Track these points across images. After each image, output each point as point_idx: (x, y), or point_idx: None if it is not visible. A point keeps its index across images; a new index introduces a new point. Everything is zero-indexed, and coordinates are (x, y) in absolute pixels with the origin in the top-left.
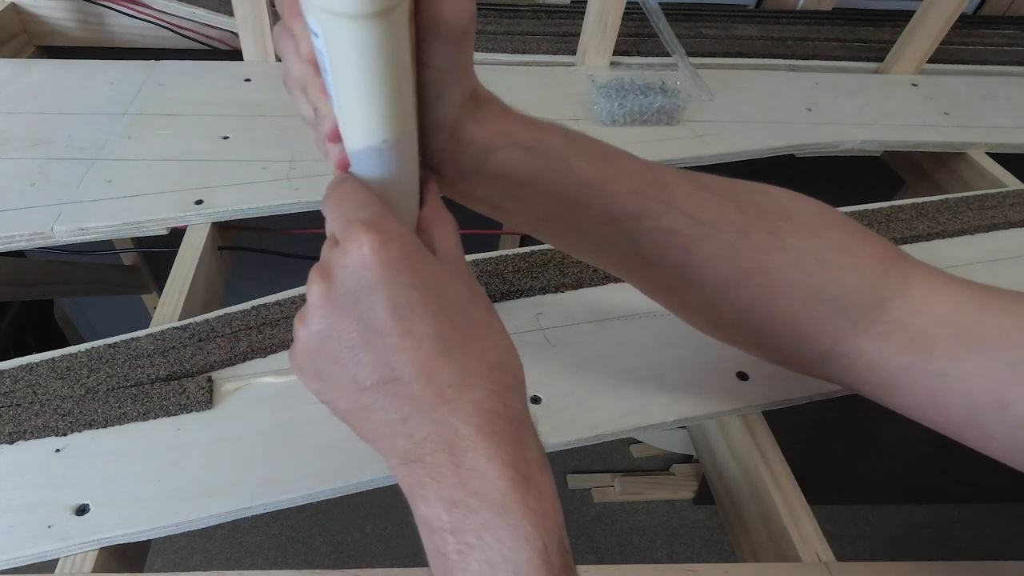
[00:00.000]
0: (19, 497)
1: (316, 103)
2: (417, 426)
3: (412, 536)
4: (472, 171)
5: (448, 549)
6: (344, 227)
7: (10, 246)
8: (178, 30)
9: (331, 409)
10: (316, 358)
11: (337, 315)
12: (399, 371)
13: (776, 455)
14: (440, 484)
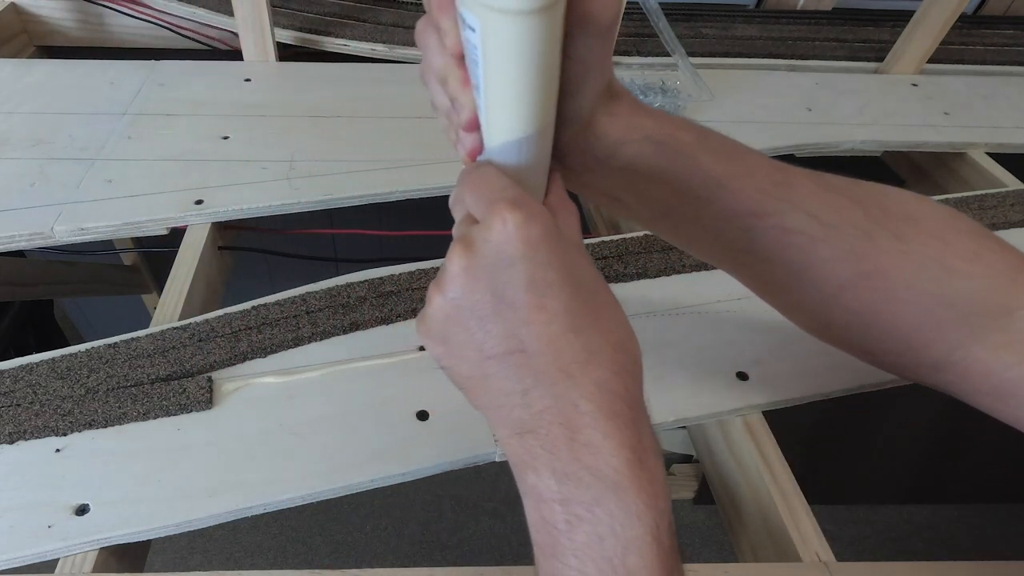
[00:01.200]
0: (19, 497)
1: (455, 94)
2: (537, 398)
3: (412, 536)
4: (599, 163)
5: (556, 519)
6: (487, 204)
7: (10, 246)
8: (178, 30)
9: (450, 375)
10: (446, 324)
11: (473, 285)
12: (527, 344)
13: (776, 455)
14: (553, 456)
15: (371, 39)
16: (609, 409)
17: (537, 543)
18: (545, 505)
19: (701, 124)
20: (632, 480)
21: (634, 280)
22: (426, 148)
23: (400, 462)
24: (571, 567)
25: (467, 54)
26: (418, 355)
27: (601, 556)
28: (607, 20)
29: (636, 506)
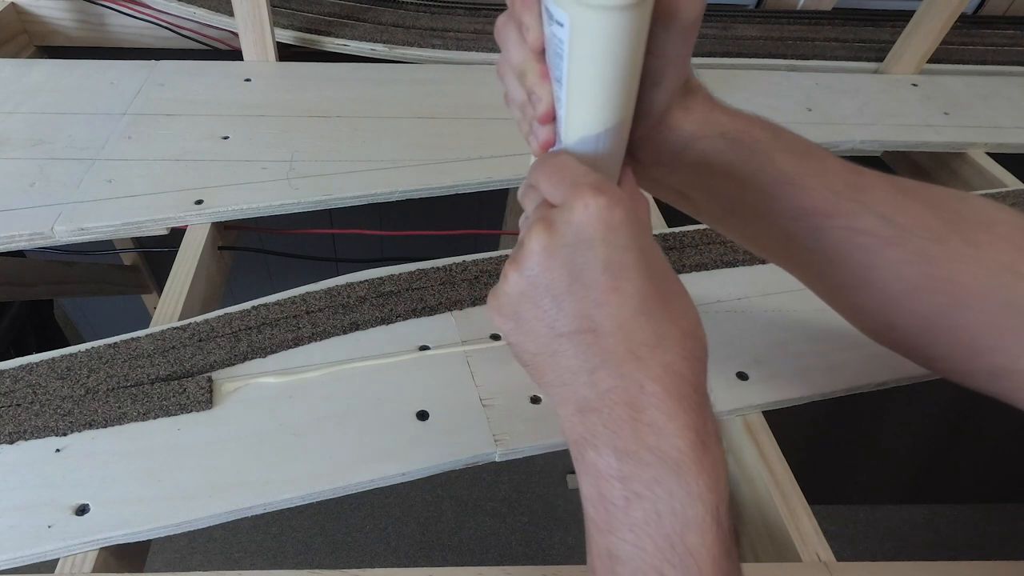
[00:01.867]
0: (19, 497)
1: (533, 87)
2: (603, 378)
3: (412, 536)
4: (671, 158)
5: (614, 495)
6: (569, 188)
7: (10, 246)
8: (178, 30)
9: (516, 351)
10: (519, 301)
11: (551, 264)
12: (598, 323)
13: (776, 455)
14: (614, 435)
15: (371, 39)
16: (676, 392)
17: (592, 518)
18: (604, 481)
19: (777, 123)
20: (694, 461)
21: None
22: (426, 148)
23: (400, 462)
24: (627, 541)
25: (550, 48)
26: (418, 355)
27: (659, 533)
28: (692, 16)
29: (697, 487)
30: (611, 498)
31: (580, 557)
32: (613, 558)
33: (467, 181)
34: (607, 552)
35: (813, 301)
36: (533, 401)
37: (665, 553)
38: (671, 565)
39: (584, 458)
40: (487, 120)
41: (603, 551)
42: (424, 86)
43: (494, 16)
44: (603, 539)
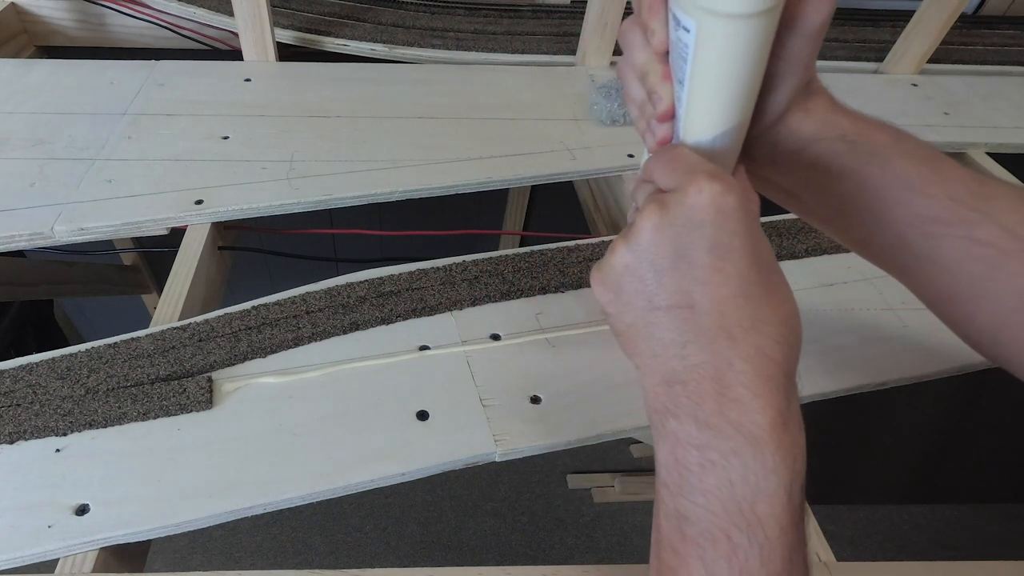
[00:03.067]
0: (19, 497)
1: (654, 87)
2: (694, 352)
3: (412, 536)
4: (786, 158)
5: (690, 461)
6: (686, 174)
7: (10, 246)
8: (178, 30)
9: (612, 322)
10: (624, 273)
11: (660, 240)
12: (696, 301)
13: None
14: (697, 407)
15: (371, 39)
16: (764, 372)
17: (665, 481)
18: (681, 448)
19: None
20: (773, 439)
21: None
22: (426, 148)
23: (400, 462)
24: (698, 504)
25: (674, 51)
26: (418, 355)
27: (730, 499)
28: (820, 21)
29: (773, 462)
30: (686, 464)
31: (580, 557)
32: (681, 518)
33: (467, 181)
34: (676, 512)
35: (813, 301)
36: (533, 401)
37: (733, 518)
38: (738, 529)
39: (664, 426)
40: (487, 120)
41: (672, 512)
42: (424, 86)
43: (494, 16)
44: (673, 501)
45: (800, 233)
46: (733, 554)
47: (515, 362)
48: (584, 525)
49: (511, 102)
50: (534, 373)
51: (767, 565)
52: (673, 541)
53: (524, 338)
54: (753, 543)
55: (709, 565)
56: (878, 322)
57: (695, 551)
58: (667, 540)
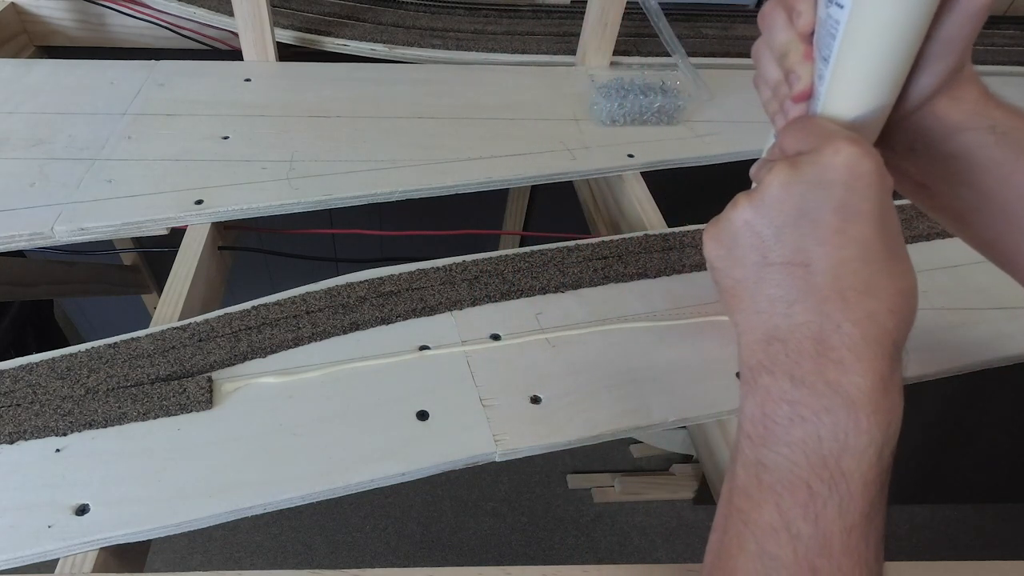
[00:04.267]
0: (19, 497)
1: (793, 67)
2: (800, 311)
3: (412, 536)
4: (927, 147)
5: (779, 415)
6: (823, 137)
7: (10, 246)
8: (178, 30)
9: (718, 277)
10: (741, 228)
11: (784, 196)
12: (813, 259)
13: None
14: (794, 364)
15: (371, 39)
16: (872, 337)
17: (748, 433)
18: (772, 403)
19: None
20: (870, 402)
21: (634, 280)
22: (426, 148)
23: (400, 462)
24: (780, 455)
25: (821, 29)
26: (418, 355)
27: (815, 451)
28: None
29: (867, 423)
30: (774, 417)
31: (580, 557)
32: (760, 466)
33: (467, 181)
34: (756, 461)
35: None
36: (533, 401)
37: (816, 469)
38: (819, 480)
39: (756, 381)
40: (487, 120)
41: (752, 461)
42: (424, 86)
43: (494, 16)
44: (755, 451)
45: None
46: (811, 501)
47: (515, 362)
48: (584, 525)
49: (511, 102)
50: (534, 373)
51: (844, 516)
52: (749, 487)
53: (524, 338)
54: (833, 493)
55: (784, 511)
56: None
57: (771, 496)
58: (742, 487)
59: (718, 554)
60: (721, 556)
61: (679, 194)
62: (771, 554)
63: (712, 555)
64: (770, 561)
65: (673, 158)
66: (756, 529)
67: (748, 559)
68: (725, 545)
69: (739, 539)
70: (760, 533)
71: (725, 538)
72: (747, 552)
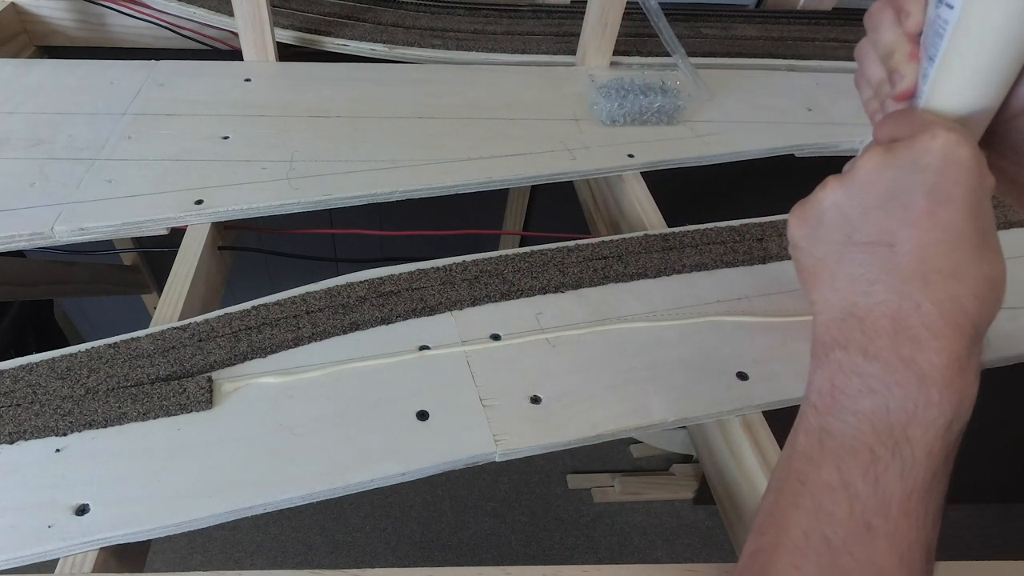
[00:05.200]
0: (19, 497)
1: (898, 66)
2: (880, 291)
3: (412, 536)
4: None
5: (849, 387)
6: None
7: (10, 246)
8: (178, 30)
9: (800, 255)
10: (828, 208)
11: (876, 178)
12: (898, 240)
13: (776, 455)
14: (867, 340)
15: (371, 39)
16: (952, 319)
17: (814, 403)
18: (842, 375)
19: None
20: (944, 379)
21: (634, 280)
22: (426, 148)
23: (400, 462)
24: (846, 423)
25: (929, 29)
26: (418, 355)
27: (883, 420)
28: None
29: (938, 397)
30: (844, 389)
31: (580, 557)
32: (824, 432)
33: (467, 181)
34: (819, 428)
35: None
36: (533, 401)
37: (881, 436)
38: (883, 445)
39: (828, 356)
40: (487, 120)
41: (815, 427)
42: (424, 86)
43: (494, 16)
44: (819, 419)
45: None
46: (872, 464)
47: (515, 362)
48: (584, 525)
49: (511, 102)
50: (534, 373)
51: (906, 480)
52: (809, 451)
53: (524, 338)
54: (896, 458)
55: (844, 471)
56: None
57: (832, 459)
58: (802, 451)
59: (770, 512)
60: (774, 513)
61: (679, 194)
62: (826, 511)
63: (764, 514)
64: (825, 517)
65: (673, 158)
66: (813, 487)
67: (802, 514)
68: (780, 504)
69: (795, 497)
70: (817, 491)
71: (780, 497)
72: (802, 508)
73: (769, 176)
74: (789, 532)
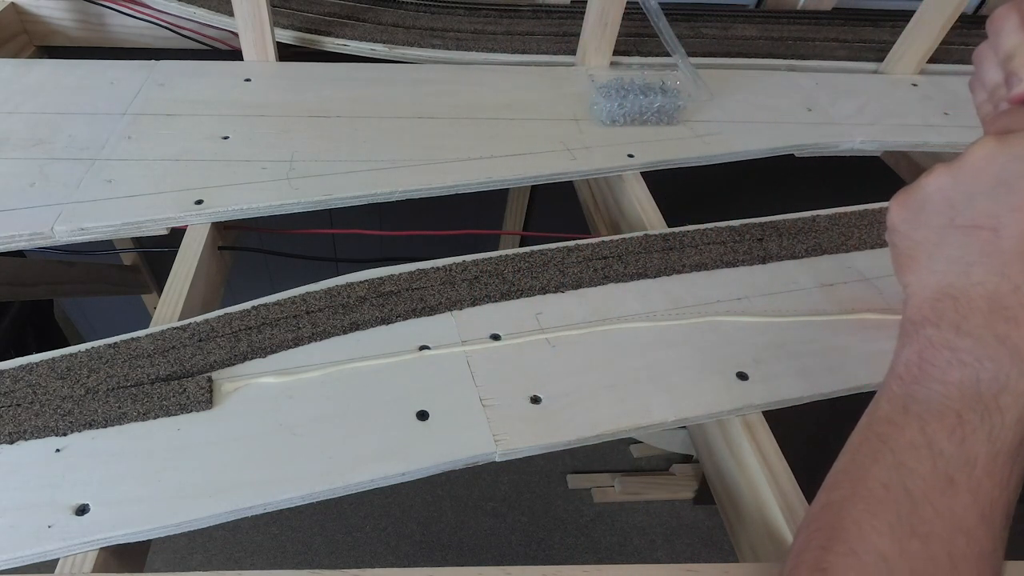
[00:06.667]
0: (19, 497)
1: (1016, 69)
2: (978, 272)
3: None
4: None
5: (937, 359)
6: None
7: (10, 246)
8: (178, 30)
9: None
10: (932, 194)
11: (986, 166)
12: (1002, 225)
13: (776, 455)
14: (962, 319)
15: (371, 39)
16: None
17: (899, 374)
18: (932, 348)
19: None
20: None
21: (634, 280)
22: (426, 148)
23: (400, 462)
24: (933, 390)
25: None
26: (418, 355)
27: (972, 389)
28: None
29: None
30: (932, 360)
31: (580, 557)
32: (909, 398)
33: (467, 181)
34: (904, 395)
35: (813, 301)
36: (533, 401)
37: (970, 401)
38: (973, 411)
39: (919, 332)
40: (487, 120)
41: (899, 395)
42: (424, 86)
43: (494, 16)
44: (904, 388)
45: (800, 233)
46: (959, 426)
47: (515, 362)
48: (584, 525)
49: (511, 102)
50: (534, 373)
51: (993, 443)
52: (892, 415)
53: (524, 338)
54: (985, 422)
55: (929, 433)
56: (879, 322)
57: (915, 422)
58: (884, 415)
59: (845, 470)
60: (849, 471)
61: (679, 194)
62: (908, 466)
63: (837, 472)
64: (906, 472)
65: (673, 158)
66: (895, 445)
67: (882, 468)
68: (857, 460)
69: (874, 454)
70: (899, 448)
71: (857, 455)
72: (881, 463)
73: (769, 176)
74: (867, 483)
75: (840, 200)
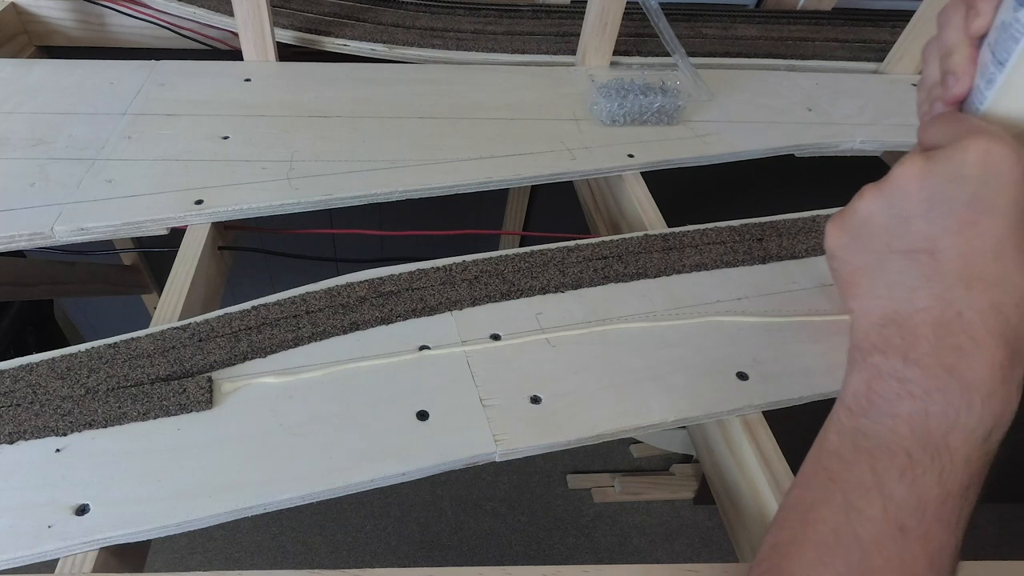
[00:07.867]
0: (19, 497)
1: (954, 68)
2: (921, 297)
3: (412, 536)
4: None
5: (886, 391)
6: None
7: (10, 246)
8: (178, 30)
9: (837, 264)
10: (867, 218)
11: (915, 188)
12: (940, 248)
13: (776, 455)
14: (909, 347)
15: (371, 39)
16: (995, 329)
17: (848, 405)
18: (880, 379)
19: None
20: (987, 388)
21: (634, 280)
22: (426, 148)
23: (400, 462)
24: (882, 425)
25: (1003, 33)
26: (418, 355)
27: (921, 425)
28: None
29: (979, 407)
30: (880, 392)
31: (580, 557)
32: (858, 434)
33: (467, 181)
34: (854, 429)
35: (813, 301)
36: (533, 401)
37: (920, 440)
38: (922, 450)
39: (866, 360)
40: (487, 120)
41: (849, 429)
42: (424, 86)
43: (492, 16)
44: (853, 420)
45: (800, 233)
46: (909, 467)
47: (515, 362)
48: (584, 525)
49: (511, 102)
50: (534, 373)
51: (943, 486)
52: (841, 450)
53: (524, 338)
54: (935, 463)
55: (879, 472)
56: None
57: (866, 459)
58: (833, 450)
59: (794, 507)
60: (798, 508)
61: (679, 194)
62: (858, 508)
63: (787, 509)
64: (856, 514)
65: (673, 158)
66: (844, 485)
67: (832, 510)
68: (806, 499)
69: (824, 493)
70: (848, 489)
71: (807, 493)
72: (831, 505)
73: (769, 176)
74: (816, 527)
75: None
